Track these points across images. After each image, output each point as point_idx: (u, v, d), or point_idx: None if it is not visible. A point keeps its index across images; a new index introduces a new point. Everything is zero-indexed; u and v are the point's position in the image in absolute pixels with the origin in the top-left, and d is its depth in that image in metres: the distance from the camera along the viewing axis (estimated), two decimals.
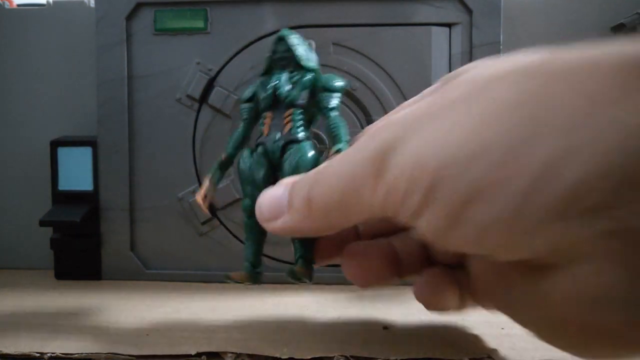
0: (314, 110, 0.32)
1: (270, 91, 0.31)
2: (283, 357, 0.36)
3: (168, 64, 0.54)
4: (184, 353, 0.36)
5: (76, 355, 0.36)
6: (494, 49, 0.52)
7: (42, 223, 0.54)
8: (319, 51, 0.53)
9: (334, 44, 0.53)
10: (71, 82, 0.59)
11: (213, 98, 0.53)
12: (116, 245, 0.55)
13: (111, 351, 0.37)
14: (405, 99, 0.52)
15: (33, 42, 0.59)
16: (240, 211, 0.53)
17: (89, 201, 0.55)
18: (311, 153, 0.30)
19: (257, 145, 0.32)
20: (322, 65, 0.52)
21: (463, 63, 0.53)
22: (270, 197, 0.28)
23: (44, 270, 0.57)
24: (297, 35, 0.32)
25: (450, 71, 0.53)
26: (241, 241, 0.54)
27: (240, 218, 0.54)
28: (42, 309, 0.46)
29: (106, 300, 0.49)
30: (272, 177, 0.31)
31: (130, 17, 0.54)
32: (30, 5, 0.60)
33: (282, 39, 0.31)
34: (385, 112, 0.52)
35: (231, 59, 0.53)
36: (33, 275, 0.56)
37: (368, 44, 0.52)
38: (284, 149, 0.31)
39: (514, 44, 0.55)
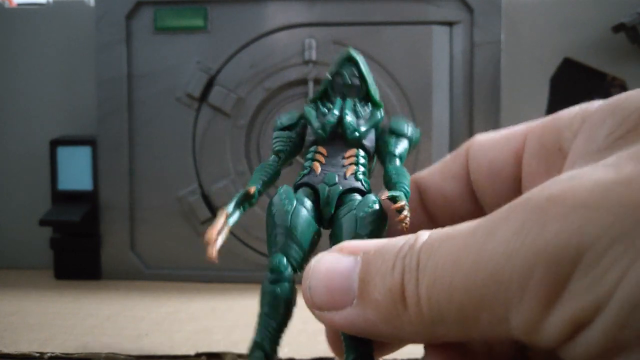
0: (374, 156, 0.25)
1: (333, 120, 0.24)
2: (283, 357, 0.36)
3: (168, 62, 0.54)
4: (184, 353, 0.36)
5: (76, 355, 0.36)
6: (495, 47, 0.52)
7: (42, 222, 0.54)
8: (319, 50, 0.53)
9: (334, 42, 0.52)
10: (71, 81, 0.58)
11: (213, 97, 0.53)
12: (116, 244, 0.54)
13: (111, 351, 0.36)
14: (406, 98, 0.52)
15: (33, 41, 0.58)
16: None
17: (88, 201, 0.55)
18: (381, 214, 0.22)
19: (299, 186, 0.23)
20: (323, 64, 0.53)
21: (464, 62, 0.53)
22: (330, 272, 0.18)
23: (43, 270, 0.56)
24: (364, 60, 0.26)
25: (451, 70, 0.53)
26: (241, 241, 0.54)
27: (241, 218, 0.54)
28: (42, 309, 0.46)
29: (106, 300, 0.48)
30: (319, 233, 0.23)
31: (130, 15, 0.54)
32: (30, 4, 0.60)
33: (351, 60, 0.25)
34: (386, 110, 0.52)
35: (231, 57, 0.53)
36: (33, 275, 0.56)
37: (369, 42, 0.52)
38: (341, 197, 0.23)
39: (515, 43, 0.55)
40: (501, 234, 0.15)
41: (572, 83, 0.56)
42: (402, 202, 0.21)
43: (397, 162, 0.24)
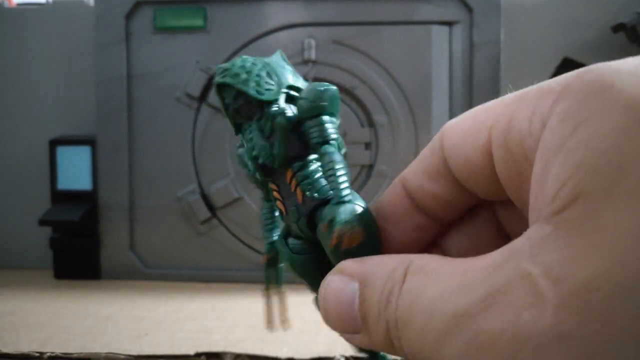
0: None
1: (252, 162, 0.21)
2: (283, 357, 0.36)
3: (167, 62, 0.54)
4: (184, 353, 0.36)
5: (75, 354, 0.36)
6: (494, 47, 0.52)
7: (42, 222, 0.54)
8: (319, 49, 0.53)
9: (334, 42, 0.52)
10: (70, 80, 0.58)
11: (212, 97, 0.53)
12: (115, 244, 0.54)
13: (110, 351, 0.36)
14: (406, 98, 0.52)
15: (32, 41, 0.58)
16: (241, 213, 0.53)
17: (88, 200, 0.55)
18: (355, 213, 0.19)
19: (287, 233, 0.22)
20: (323, 63, 0.52)
21: (464, 61, 0.53)
22: (338, 302, 0.19)
23: (43, 270, 0.56)
24: (242, 63, 0.21)
25: (450, 70, 0.53)
26: (241, 240, 0.54)
27: (241, 218, 0.54)
28: (42, 309, 0.46)
29: (105, 300, 0.48)
30: (317, 258, 0.21)
31: (129, 15, 0.54)
32: (29, 4, 0.60)
33: (223, 87, 0.21)
34: (386, 110, 0.52)
35: (231, 57, 0.53)
36: (32, 274, 0.56)
37: (368, 42, 0.52)
38: (311, 221, 0.20)
39: (515, 43, 0.55)
40: (449, 350, 0.16)
41: None
42: (334, 238, 0.19)
43: (324, 148, 0.20)
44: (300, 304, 0.50)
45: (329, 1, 0.52)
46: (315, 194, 0.20)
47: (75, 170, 0.55)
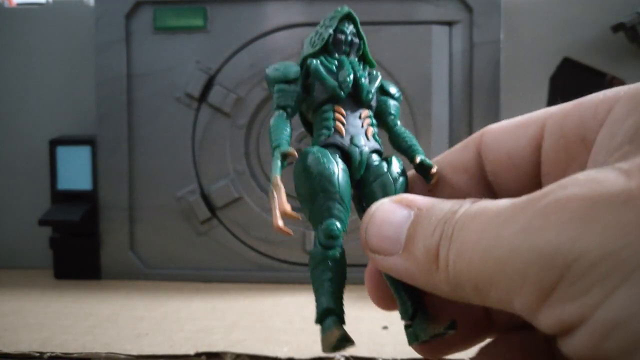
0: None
1: (350, 81, 0.23)
2: (283, 357, 0.36)
3: (167, 62, 0.54)
4: (184, 353, 0.36)
5: (75, 354, 0.36)
6: (494, 47, 0.52)
7: (42, 222, 0.54)
8: None
9: None
10: (70, 80, 0.58)
11: (212, 97, 0.53)
12: (115, 244, 0.54)
13: (111, 351, 0.36)
14: (406, 97, 0.52)
15: (32, 41, 0.58)
16: (241, 213, 0.52)
17: (88, 200, 0.55)
18: (407, 177, 0.23)
19: (325, 146, 0.23)
20: None
21: (464, 61, 0.53)
22: (386, 221, 0.20)
23: (43, 270, 0.56)
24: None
25: (450, 69, 0.53)
26: (241, 240, 0.54)
27: (241, 218, 0.54)
28: (42, 309, 0.46)
29: (106, 300, 0.48)
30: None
31: (129, 15, 0.54)
32: (30, 4, 0.60)
33: (351, 18, 0.24)
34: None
35: (231, 57, 0.53)
36: (32, 274, 0.56)
37: (368, 42, 0.52)
38: (368, 159, 0.23)
39: (515, 43, 0.55)
40: (512, 227, 0.16)
41: (572, 82, 0.56)
42: (435, 168, 0.23)
43: (399, 122, 0.25)
44: (301, 304, 0.50)
45: (329, 1, 0.52)
46: (379, 143, 0.24)
47: (75, 170, 0.55)
